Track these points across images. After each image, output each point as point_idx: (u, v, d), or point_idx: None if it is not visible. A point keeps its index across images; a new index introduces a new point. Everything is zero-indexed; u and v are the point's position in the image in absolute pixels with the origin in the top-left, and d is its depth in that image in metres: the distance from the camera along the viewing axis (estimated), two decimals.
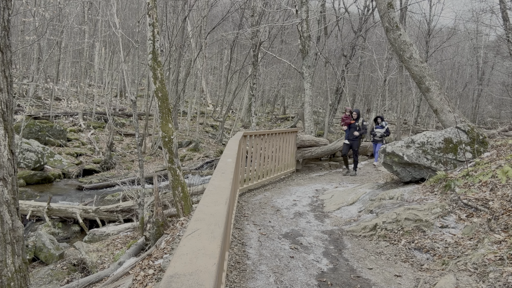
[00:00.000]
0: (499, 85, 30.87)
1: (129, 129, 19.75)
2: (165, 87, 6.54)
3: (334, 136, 22.03)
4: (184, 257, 1.16)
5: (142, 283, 4.24)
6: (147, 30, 6.45)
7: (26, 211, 8.41)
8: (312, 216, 5.66)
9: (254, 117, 13.42)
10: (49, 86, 16.19)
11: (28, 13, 17.11)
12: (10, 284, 2.77)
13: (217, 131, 22.05)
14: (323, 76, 27.11)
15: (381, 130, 10.64)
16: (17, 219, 2.88)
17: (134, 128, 15.51)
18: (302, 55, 12.31)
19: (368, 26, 22.00)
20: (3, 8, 2.73)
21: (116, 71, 25.15)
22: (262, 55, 18.92)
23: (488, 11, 18.90)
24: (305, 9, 12.08)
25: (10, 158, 2.82)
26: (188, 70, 20.78)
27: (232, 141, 5.19)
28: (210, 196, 1.94)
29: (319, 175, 9.44)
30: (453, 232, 4.26)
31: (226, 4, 24.54)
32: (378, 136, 10.74)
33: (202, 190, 9.34)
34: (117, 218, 8.86)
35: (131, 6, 26.08)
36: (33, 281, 5.95)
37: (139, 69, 24.17)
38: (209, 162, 16.34)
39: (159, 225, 5.89)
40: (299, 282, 3.37)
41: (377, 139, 10.79)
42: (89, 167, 13.93)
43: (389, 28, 7.56)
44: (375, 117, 11.16)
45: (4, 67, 2.75)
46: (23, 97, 18.62)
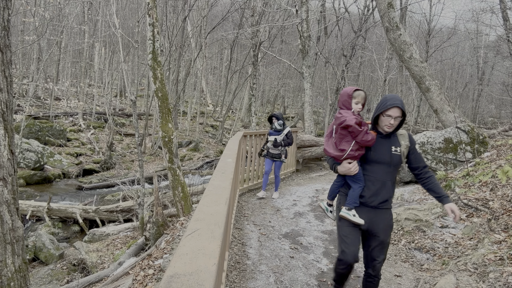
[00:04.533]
0: (499, 85, 30.87)
1: (129, 129, 19.74)
2: (165, 87, 6.54)
3: None
4: (184, 257, 1.16)
5: (142, 283, 4.24)
6: (147, 30, 6.45)
7: (26, 211, 8.40)
8: (312, 216, 5.65)
9: (254, 117, 13.42)
10: (49, 86, 16.19)
11: (28, 13, 17.11)
12: (10, 284, 2.77)
13: (217, 131, 22.05)
14: (323, 76, 27.13)
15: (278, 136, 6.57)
16: (17, 219, 2.87)
17: (134, 128, 15.51)
18: (302, 55, 12.30)
19: (368, 26, 21.99)
20: (3, 8, 2.73)
21: (116, 71, 25.15)
22: (262, 55, 18.91)
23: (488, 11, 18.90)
24: (305, 9, 12.08)
25: (10, 158, 2.81)
26: (188, 70, 20.78)
27: (232, 141, 5.19)
28: (210, 196, 1.94)
29: (319, 175, 9.44)
30: (453, 232, 4.26)
31: (226, 4, 24.54)
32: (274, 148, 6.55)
33: (202, 190, 9.34)
34: (117, 218, 8.86)
35: (131, 6, 26.07)
36: (33, 281, 5.95)
37: (139, 69, 24.17)
38: (209, 162, 16.34)
39: (159, 225, 5.89)
40: (299, 282, 3.37)
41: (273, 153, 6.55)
42: (89, 167, 13.93)
43: (389, 28, 7.56)
44: (268, 118, 6.85)
45: (4, 67, 2.75)
46: (23, 97, 18.62)
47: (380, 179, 2.49)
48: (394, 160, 2.49)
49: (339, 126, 2.50)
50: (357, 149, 2.48)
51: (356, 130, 2.42)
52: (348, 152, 2.48)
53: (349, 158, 2.51)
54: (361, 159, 2.55)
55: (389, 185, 2.50)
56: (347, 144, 2.49)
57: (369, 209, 2.52)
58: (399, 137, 2.56)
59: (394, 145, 2.51)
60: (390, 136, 2.53)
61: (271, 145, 6.50)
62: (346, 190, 2.64)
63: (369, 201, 2.51)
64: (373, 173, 2.50)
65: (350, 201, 2.53)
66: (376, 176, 2.49)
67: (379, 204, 2.51)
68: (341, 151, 2.51)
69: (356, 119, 2.42)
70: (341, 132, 2.50)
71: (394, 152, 2.49)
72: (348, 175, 2.57)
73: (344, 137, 2.50)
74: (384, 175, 2.49)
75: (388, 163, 2.49)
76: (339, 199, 2.71)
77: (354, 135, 2.44)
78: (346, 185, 2.66)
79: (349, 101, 2.52)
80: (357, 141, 2.45)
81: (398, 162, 2.50)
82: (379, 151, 2.49)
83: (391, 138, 2.53)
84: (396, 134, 2.56)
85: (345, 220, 2.53)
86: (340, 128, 2.49)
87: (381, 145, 2.50)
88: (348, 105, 2.52)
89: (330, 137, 2.63)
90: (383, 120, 2.44)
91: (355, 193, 2.53)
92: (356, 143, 2.47)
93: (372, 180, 2.50)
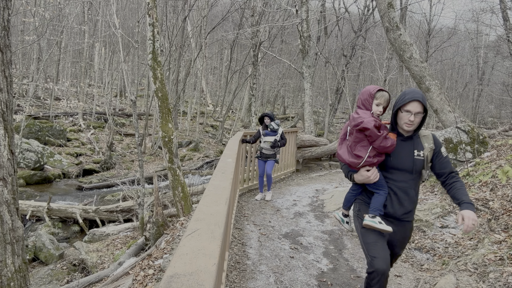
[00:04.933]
0: (499, 85, 30.87)
1: (129, 129, 19.75)
2: (165, 87, 6.54)
3: (334, 136, 22.04)
4: (184, 257, 1.16)
5: (142, 283, 4.24)
6: (147, 30, 6.45)
7: (26, 211, 8.40)
8: (312, 216, 5.65)
9: (254, 117, 13.42)
10: (49, 86, 16.19)
11: (28, 13, 17.11)
12: (10, 284, 2.77)
13: (217, 131, 22.05)
14: (323, 76, 27.13)
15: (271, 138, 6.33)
16: (17, 219, 2.87)
17: (134, 128, 15.52)
18: (302, 55, 12.30)
19: (368, 26, 22.00)
20: (3, 8, 2.73)
21: (116, 71, 25.16)
22: (262, 55, 18.91)
23: (488, 11, 18.91)
24: (305, 9, 12.08)
25: (10, 158, 2.81)
26: (188, 70, 20.78)
27: (232, 141, 5.19)
28: (210, 196, 1.94)
29: (319, 175, 9.44)
30: (453, 232, 4.26)
31: (226, 4, 24.55)
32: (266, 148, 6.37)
33: (202, 190, 9.34)
34: (117, 218, 8.86)
35: (131, 6, 26.08)
36: (33, 281, 5.95)
37: (139, 69, 24.17)
38: (209, 162, 16.34)
39: (159, 225, 5.89)
40: (299, 282, 3.37)
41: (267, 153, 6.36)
42: (89, 167, 13.93)
43: (389, 28, 7.55)
44: (260, 117, 6.53)
45: (4, 67, 2.75)
46: (23, 97, 18.62)
47: (402, 188, 2.23)
48: (417, 166, 2.21)
49: (354, 127, 2.22)
50: (375, 155, 2.22)
51: (374, 135, 2.15)
52: (365, 159, 2.21)
53: (366, 165, 2.24)
54: (380, 166, 2.29)
55: (412, 194, 2.24)
56: (363, 150, 2.21)
57: (391, 221, 2.27)
58: (422, 139, 2.26)
59: (416, 149, 2.23)
60: (412, 138, 2.25)
61: (269, 146, 6.28)
62: (365, 198, 2.38)
63: (390, 212, 2.26)
64: (393, 181, 2.24)
65: (374, 208, 2.26)
66: (398, 185, 2.23)
67: (402, 215, 2.26)
68: (357, 157, 2.23)
69: (375, 122, 2.16)
70: (357, 135, 2.23)
71: (416, 156, 2.21)
72: (368, 184, 2.31)
73: (360, 141, 2.22)
74: (407, 183, 2.23)
75: (410, 170, 2.22)
76: (357, 207, 2.45)
77: (372, 139, 2.18)
78: (364, 193, 2.40)
79: (370, 101, 2.25)
80: (375, 147, 2.19)
81: (422, 168, 2.23)
82: (400, 156, 2.22)
83: (413, 140, 2.25)
84: (419, 136, 2.27)
85: (370, 230, 2.27)
86: (356, 131, 2.22)
87: (402, 149, 2.23)
88: (368, 105, 2.25)
89: (344, 140, 2.33)
90: (402, 117, 2.18)
91: (379, 199, 2.25)
92: (374, 148, 2.20)
93: (393, 189, 2.24)
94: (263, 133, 6.36)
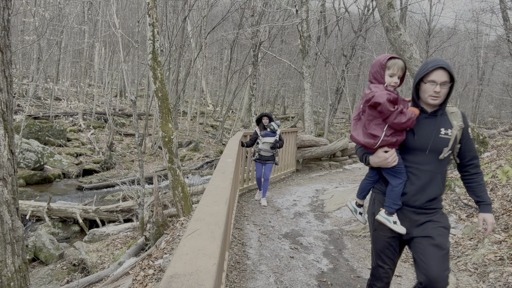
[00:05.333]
0: (499, 85, 30.88)
1: (129, 129, 19.74)
2: (165, 87, 6.54)
3: (334, 136, 22.05)
4: (184, 257, 1.16)
5: (142, 283, 4.24)
6: (147, 30, 6.45)
7: (26, 211, 8.40)
8: (312, 216, 5.65)
9: (254, 117, 13.42)
10: (49, 86, 16.19)
11: (28, 13, 17.11)
12: (10, 284, 2.77)
13: (217, 131, 22.05)
14: (323, 76, 27.13)
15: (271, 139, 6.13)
16: (17, 219, 2.87)
17: (134, 128, 15.52)
18: (302, 55, 12.31)
19: (368, 26, 22.00)
20: (3, 8, 2.73)
21: (116, 71, 25.15)
22: (262, 55, 18.91)
23: (488, 11, 18.91)
24: (305, 9, 12.08)
25: (10, 158, 2.81)
26: (188, 70, 20.78)
27: (232, 141, 5.19)
28: (210, 196, 1.94)
29: (319, 175, 9.44)
30: (453, 232, 4.26)
31: (226, 4, 24.54)
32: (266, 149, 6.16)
33: (202, 190, 9.34)
34: (117, 218, 8.86)
35: (131, 6, 26.07)
36: (33, 281, 5.95)
37: (139, 69, 24.17)
38: (209, 162, 16.34)
39: (159, 225, 5.89)
40: (299, 282, 3.37)
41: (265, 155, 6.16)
42: (89, 167, 13.93)
43: (389, 28, 7.56)
44: (258, 117, 6.32)
45: (4, 67, 2.75)
46: (23, 97, 18.62)
47: (426, 171, 1.93)
48: (444, 147, 1.91)
49: (366, 104, 1.96)
50: (393, 134, 1.93)
51: (386, 110, 1.87)
52: (382, 138, 1.92)
53: (384, 145, 1.96)
54: (400, 146, 1.99)
55: (438, 179, 1.94)
56: (378, 128, 1.94)
57: (413, 210, 1.98)
58: (450, 116, 1.96)
59: (443, 126, 1.93)
60: (437, 114, 1.94)
61: (268, 147, 6.03)
62: (382, 187, 2.09)
63: (411, 200, 1.96)
64: (416, 164, 1.95)
65: (389, 203, 1.99)
66: (421, 168, 1.94)
67: (425, 203, 1.95)
68: (372, 137, 1.95)
69: (388, 95, 1.88)
70: (370, 112, 1.96)
71: (443, 135, 1.91)
72: (384, 167, 2.01)
73: (374, 118, 1.95)
74: (431, 165, 1.93)
75: (436, 150, 1.91)
76: (373, 197, 2.16)
77: (384, 116, 1.90)
78: (381, 180, 2.09)
79: (381, 73, 1.98)
80: (389, 124, 1.91)
81: (449, 149, 1.93)
82: (423, 135, 1.92)
83: (439, 117, 1.94)
84: (446, 112, 1.97)
85: (382, 226, 2.03)
86: (368, 107, 1.96)
87: (427, 127, 1.93)
88: (380, 77, 1.98)
89: (358, 120, 2.07)
90: (426, 89, 1.88)
91: (395, 191, 1.97)
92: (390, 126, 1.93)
93: (416, 173, 1.95)
94: (261, 133, 6.10)
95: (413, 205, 1.97)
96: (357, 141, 2.04)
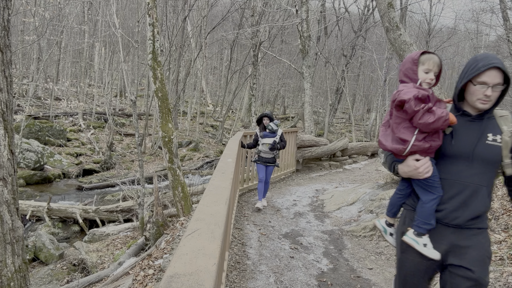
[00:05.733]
0: None
1: (129, 129, 19.75)
2: (165, 87, 6.54)
3: (334, 136, 22.05)
4: (184, 257, 1.16)
5: (142, 283, 4.24)
6: (147, 30, 6.45)
7: (26, 211, 8.40)
8: (312, 216, 5.65)
9: (254, 117, 13.42)
10: (49, 86, 16.20)
11: (28, 13, 17.11)
12: (10, 284, 2.77)
13: (217, 131, 22.05)
14: (323, 76, 27.13)
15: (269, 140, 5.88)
16: (17, 219, 2.87)
17: (134, 128, 15.52)
18: (302, 55, 12.31)
19: (368, 26, 22.01)
20: (3, 8, 2.73)
21: (116, 71, 25.16)
22: (262, 55, 18.92)
23: (488, 11, 18.91)
24: (305, 9, 12.08)
25: (10, 158, 2.81)
26: (188, 70, 20.79)
27: (232, 141, 5.19)
28: (210, 196, 1.94)
29: (319, 175, 9.44)
30: None
31: (226, 4, 24.54)
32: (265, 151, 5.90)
33: (202, 190, 9.34)
34: (117, 218, 8.86)
35: (131, 6, 26.08)
36: (33, 281, 5.95)
37: (139, 69, 24.17)
38: (209, 162, 16.34)
39: (159, 225, 5.89)
40: (299, 282, 3.37)
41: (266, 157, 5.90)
42: (89, 167, 13.93)
43: (389, 28, 7.56)
44: (259, 117, 6.12)
45: (4, 67, 2.75)
46: (23, 97, 18.62)
47: (469, 184, 1.61)
48: (491, 155, 1.59)
49: (392, 104, 1.72)
50: (426, 138, 1.64)
51: (410, 108, 1.61)
52: (412, 143, 1.64)
53: (416, 152, 1.67)
54: (436, 153, 1.70)
55: (483, 193, 1.61)
56: (408, 132, 1.66)
57: (451, 229, 1.65)
58: (498, 120, 1.64)
59: (491, 132, 1.62)
60: (484, 118, 1.64)
61: (267, 148, 5.75)
62: (414, 203, 1.78)
63: (451, 217, 1.64)
64: (457, 175, 1.64)
65: (419, 222, 1.68)
66: (463, 180, 1.63)
67: (467, 221, 1.62)
68: (401, 142, 1.68)
69: (417, 92, 1.62)
70: (397, 114, 1.70)
71: (491, 141, 1.60)
72: (415, 179, 1.72)
73: (402, 121, 1.69)
74: (476, 177, 1.61)
75: (482, 159, 1.60)
76: (404, 214, 1.85)
77: (409, 115, 1.64)
78: (414, 195, 1.79)
79: (414, 69, 1.71)
80: (415, 126, 1.65)
81: (498, 158, 1.60)
82: (465, 140, 1.63)
83: (486, 120, 1.64)
84: (494, 115, 1.66)
85: (410, 248, 1.71)
86: (394, 108, 1.71)
87: (469, 131, 1.64)
88: (412, 75, 1.71)
89: (388, 126, 1.80)
90: (474, 92, 1.59)
91: (427, 208, 1.67)
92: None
93: (455, 185, 1.64)
94: (261, 134, 5.89)
95: (453, 224, 1.64)
96: (385, 146, 1.76)
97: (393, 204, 1.94)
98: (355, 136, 20.74)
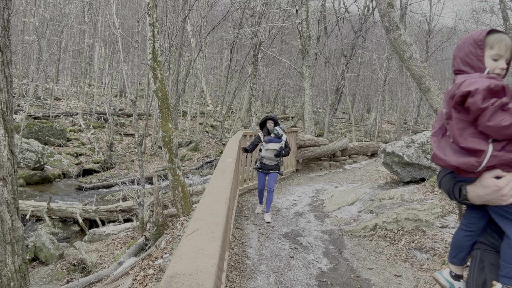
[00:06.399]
0: None
1: (129, 129, 19.75)
2: (165, 87, 6.54)
3: (334, 136, 22.05)
4: (184, 257, 1.16)
5: (142, 283, 4.24)
6: (147, 30, 6.45)
7: (26, 211, 8.40)
8: (312, 216, 5.65)
9: (254, 117, 13.42)
10: (49, 86, 16.20)
11: (28, 13, 17.11)
12: (10, 284, 2.77)
13: (217, 131, 22.05)
14: (323, 76, 27.13)
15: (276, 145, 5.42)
16: (17, 219, 2.87)
17: (134, 128, 15.52)
18: (302, 55, 12.31)
19: (368, 26, 22.01)
20: (3, 8, 2.73)
21: (116, 71, 25.16)
22: (262, 55, 18.92)
23: (488, 11, 18.89)
24: (305, 9, 12.08)
25: (10, 158, 2.81)
26: (188, 70, 20.78)
27: (232, 141, 5.19)
28: (210, 196, 1.94)
29: (319, 175, 9.44)
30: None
31: (226, 4, 24.54)
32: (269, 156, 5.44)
33: (202, 190, 9.34)
34: (117, 218, 8.86)
35: (131, 6, 26.08)
36: (33, 281, 5.95)
37: (139, 69, 24.17)
38: (209, 162, 16.34)
39: (159, 225, 5.89)
40: (299, 282, 3.37)
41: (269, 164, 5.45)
42: (89, 167, 13.93)
43: (389, 28, 7.56)
44: (262, 120, 5.62)
45: (4, 67, 2.75)
46: (23, 97, 18.62)
47: None
48: None
49: (451, 101, 1.23)
50: (507, 146, 1.16)
51: (475, 106, 1.15)
52: (491, 153, 1.17)
53: (496, 166, 1.18)
54: None
55: None
56: (478, 139, 1.19)
57: None
58: None
59: None
60: None
61: (272, 155, 5.28)
62: (492, 241, 1.26)
63: None
64: None
65: (510, 269, 1.14)
66: None
67: None
68: (473, 153, 1.19)
69: (489, 82, 1.15)
70: (458, 115, 1.22)
71: None
72: (493, 206, 1.20)
73: (467, 125, 1.21)
74: None
75: None
76: (479, 258, 1.28)
77: (473, 115, 1.17)
78: (490, 229, 1.28)
79: (478, 54, 1.24)
80: (482, 130, 1.18)
81: None
82: None
83: None
84: None
85: None
86: (453, 108, 1.23)
87: None
88: (476, 62, 1.24)
89: (442, 136, 1.32)
90: None
91: None
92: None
93: None
94: (265, 139, 5.37)
95: None
96: (446, 162, 1.25)
97: (459, 246, 1.35)
98: (355, 136, 20.76)
